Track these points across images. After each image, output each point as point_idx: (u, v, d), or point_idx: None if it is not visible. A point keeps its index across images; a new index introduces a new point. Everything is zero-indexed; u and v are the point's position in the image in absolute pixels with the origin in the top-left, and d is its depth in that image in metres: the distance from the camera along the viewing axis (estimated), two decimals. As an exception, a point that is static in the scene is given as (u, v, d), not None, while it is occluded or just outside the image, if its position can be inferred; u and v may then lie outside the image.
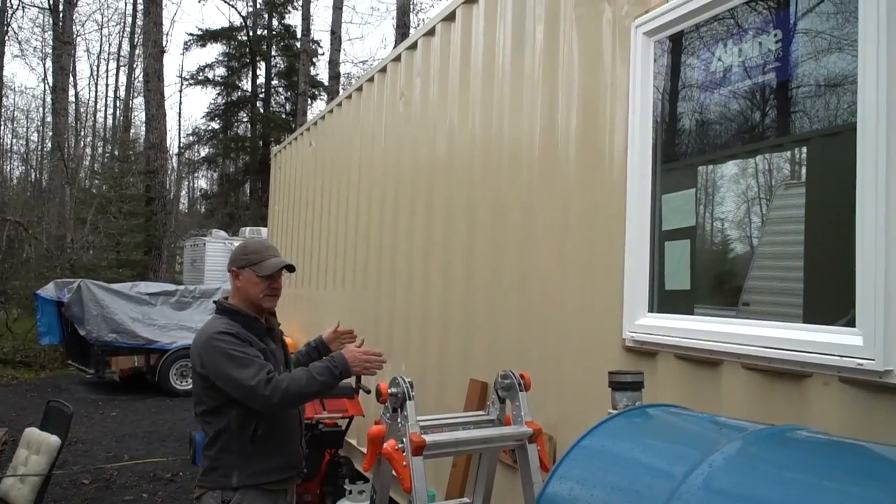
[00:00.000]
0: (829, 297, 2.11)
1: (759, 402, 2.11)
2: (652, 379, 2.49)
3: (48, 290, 11.47)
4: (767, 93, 2.31)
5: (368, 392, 4.86)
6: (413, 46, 4.99)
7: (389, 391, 2.21)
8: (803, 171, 2.35)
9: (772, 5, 2.27)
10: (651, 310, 2.59)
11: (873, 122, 1.83)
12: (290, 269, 2.97)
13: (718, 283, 2.51)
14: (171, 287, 12.29)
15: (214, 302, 3.01)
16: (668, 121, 2.65)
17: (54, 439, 4.47)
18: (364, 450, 5.28)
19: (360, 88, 6.20)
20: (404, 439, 2.11)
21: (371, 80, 5.89)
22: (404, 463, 2.08)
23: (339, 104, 6.82)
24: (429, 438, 2.11)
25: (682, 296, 2.53)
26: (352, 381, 4.63)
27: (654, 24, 2.61)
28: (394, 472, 2.20)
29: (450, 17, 4.42)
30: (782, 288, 2.25)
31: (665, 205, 2.59)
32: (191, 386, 3.00)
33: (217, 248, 17.37)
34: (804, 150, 2.30)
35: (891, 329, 1.76)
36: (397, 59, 5.29)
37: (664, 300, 2.57)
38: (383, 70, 5.60)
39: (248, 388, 2.58)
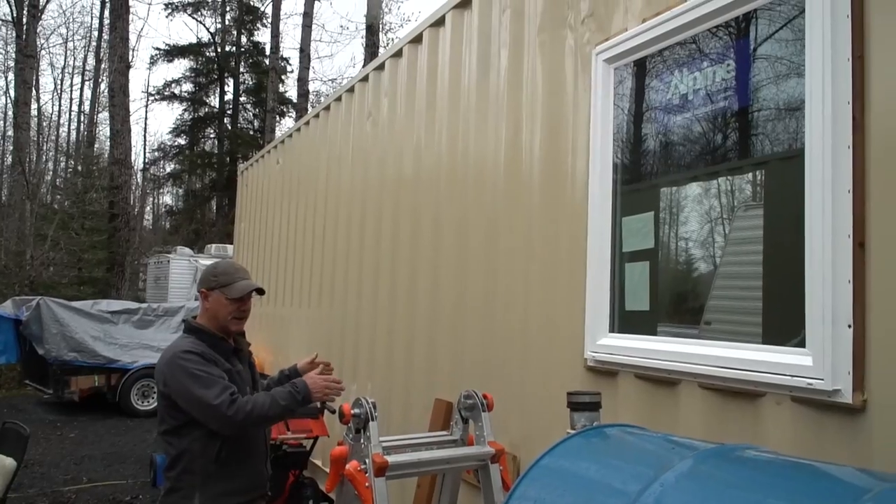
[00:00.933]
0: (785, 317, 2.17)
1: (715, 422, 2.16)
2: (613, 398, 2.54)
3: (6, 308, 11.18)
4: (726, 117, 2.38)
5: (333, 412, 4.83)
6: (381, 67, 5.04)
7: (352, 412, 2.22)
8: (761, 193, 2.41)
9: (729, 33, 2.34)
10: (612, 330, 2.64)
11: (819, 149, 1.90)
12: (261, 292, 2.96)
13: (678, 304, 2.56)
14: (133, 305, 12.07)
15: (184, 321, 3.03)
16: (629, 145, 2.71)
17: (9, 461, 4.36)
18: (329, 470, 5.24)
19: (328, 107, 6.22)
20: (367, 460, 2.12)
21: (339, 99, 5.92)
22: (367, 484, 2.08)
23: (307, 122, 6.84)
24: (391, 459, 2.12)
25: (641, 316, 2.58)
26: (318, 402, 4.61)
27: (613, 51, 2.68)
28: (356, 493, 2.20)
29: (417, 40, 4.47)
30: (742, 307, 2.30)
31: (625, 227, 2.65)
32: (153, 406, 3.00)
33: (181, 266, 17.12)
34: (762, 173, 2.37)
35: (838, 349, 1.82)
36: (365, 79, 5.33)
37: (625, 321, 2.62)
38: (351, 90, 5.63)
39: (210, 406, 2.57)
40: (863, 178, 1.81)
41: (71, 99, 34.07)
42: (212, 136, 30.82)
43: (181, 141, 30.59)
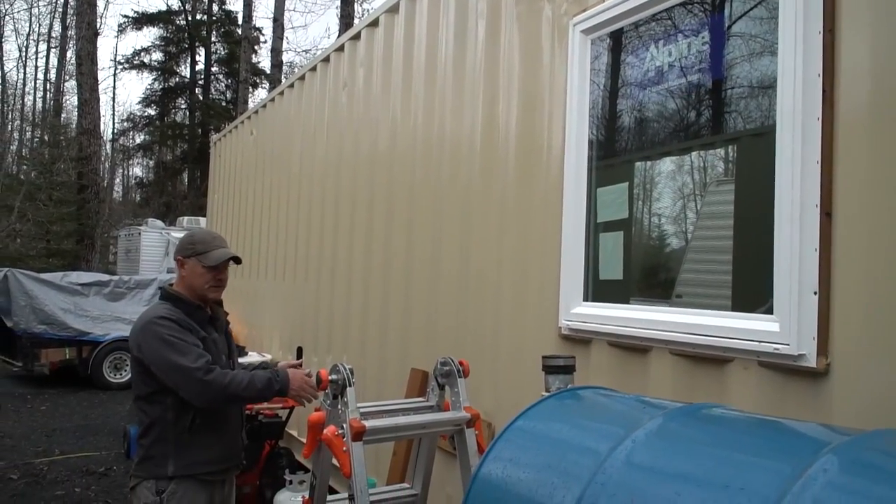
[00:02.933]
0: (753, 286, 2.23)
1: (684, 387, 2.22)
2: (586, 366, 2.59)
3: (-29, 280, 10.99)
4: (701, 92, 2.41)
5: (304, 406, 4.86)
6: (357, 37, 4.99)
7: (330, 378, 2.24)
8: (733, 167, 2.46)
9: (707, 7, 2.37)
10: (586, 299, 2.68)
11: (790, 121, 1.94)
12: (237, 260, 2.95)
13: (651, 273, 2.61)
14: (104, 277, 11.91)
15: (160, 288, 3.02)
16: (605, 116, 2.74)
17: (-20, 432, 4.33)
18: (304, 440, 5.28)
19: (302, 77, 6.16)
20: (344, 425, 2.14)
21: (314, 69, 5.86)
22: (344, 448, 2.11)
23: (282, 93, 6.76)
24: (368, 424, 2.15)
25: (615, 285, 2.63)
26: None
27: (591, 22, 2.69)
28: (334, 459, 2.23)
29: (393, 9, 4.43)
30: (713, 280, 2.35)
31: (599, 198, 2.68)
32: (126, 379, 3.00)
33: (153, 239, 16.93)
34: (734, 148, 2.41)
35: (804, 316, 1.87)
36: (341, 48, 5.27)
37: (598, 290, 2.67)
38: (326, 60, 5.57)
39: (185, 371, 2.57)
40: (831, 149, 1.85)
41: (36, 67, 33.25)
42: (183, 106, 30.34)
43: (151, 111, 30.09)
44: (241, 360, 3.85)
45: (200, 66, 29.44)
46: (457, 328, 3.51)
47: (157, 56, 29.53)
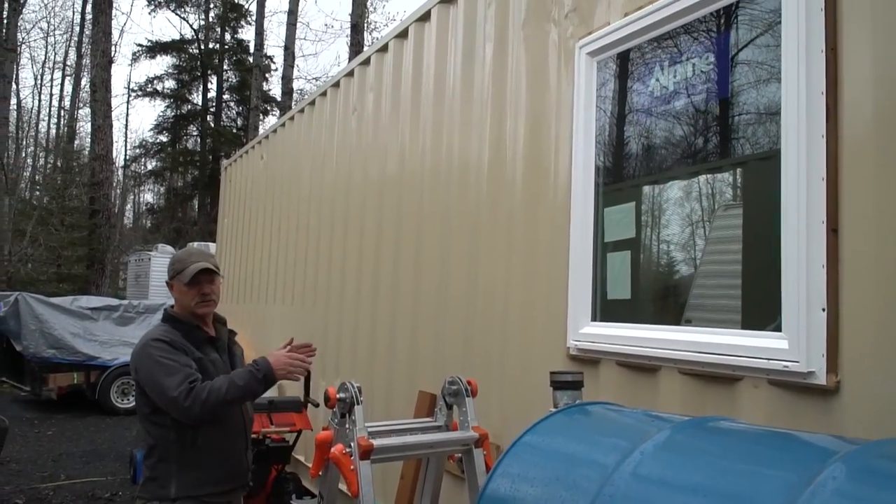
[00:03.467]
0: (762, 304, 2.22)
1: (694, 406, 2.21)
2: (595, 386, 2.58)
3: (-18, 304, 11.06)
4: (708, 114, 2.44)
5: (317, 405, 4.84)
6: (366, 62, 5.06)
7: (338, 396, 2.24)
8: (741, 186, 2.46)
9: (712, 29, 2.40)
10: (594, 319, 2.68)
11: (794, 139, 1.96)
12: (209, 271, 2.83)
13: (659, 293, 2.61)
14: (114, 302, 11.96)
15: (164, 309, 3.00)
16: (611, 137, 2.76)
17: (-12, 454, 4.33)
18: (311, 464, 5.24)
19: (312, 102, 6.23)
20: (352, 444, 2.14)
21: (324, 94, 5.93)
22: (352, 467, 2.10)
23: (292, 118, 6.83)
24: (377, 442, 2.15)
25: (623, 305, 2.62)
26: (300, 394, 4.62)
27: (596, 44, 2.73)
28: (341, 478, 2.22)
29: (402, 35, 4.50)
30: (722, 305, 2.35)
31: (607, 217, 2.69)
32: (132, 404, 2.94)
33: (163, 264, 16.91)
34: (740, 170, 2.42)
35: (813, 332, 1.87)
36: (350, 74, 5.34)
37: (607, 309, 2.66)
38: (336, 85, 5.64)
39: (169, 398, 2.54)
40: (836, 166, 1.86)
41: (51, 94, 33.66)
42: (194, 133, 30.65)
43: (163, 138, 30.39)
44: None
45: (212, 94, 29.81)
46: (464, 350, 3.51)
47: (169, 84, 29.94)
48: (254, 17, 25.67)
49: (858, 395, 1.77)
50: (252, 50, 25.47)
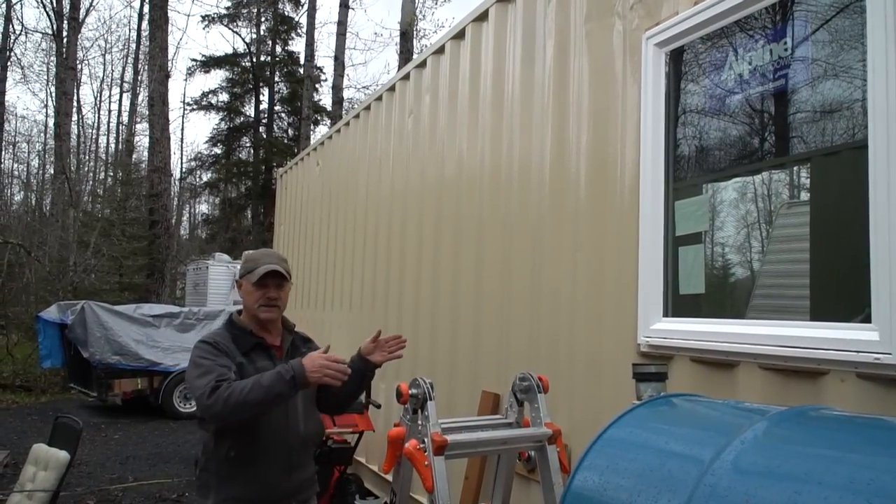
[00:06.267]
0: (848, 297, 2.14)
1: (776, 402, 2.13)
2: (668, 383, 2.52)
3: (51, 313, 11.44)
4: (779, 103, 2.37)
5: (379, 406, 4.87)
6: (422, 65, 5.08)
7: (410, 392, 2.23)
8: (820, 178, 2.39)
9: (784, 14, 2.33)
10: (666, 314, 2.62)
11: (883, 130, 1.89)
12: (279, 275, 2.67)
13: (736, 285, 2.54)
14: (175, 309, 12.26)
15: (231, 313, 2.89)
16: (680, 128, 2.71)
17: (63, 454, 4.45)
18: (374, 468, 5.27)
19: (368, 107, 6.28)
20: (426, 439, 2.13)
21: (379, 99, 5.97)
22: (426, 462, 2.10)
23: (347, 124, 6.90)
24: (450, 438, 2.14)
25: (696, 299, 2.56)
26: (362, 396, 4.64)
27: (664, 35, 2.68)
28: (415, 472, 2.22)
29: (459, 35, 4.50)
30: (803, 297, 2.27)
31: (678, 211, 2.64)
32: (194, 409, 2.85)
33: (220, 272, 17.40)
34: (821, 161, 2.34)
35: (906, 324, 1.79)
36: (406, 77, 5.37)
37: (679, 304, 2.61)
38: (391, 89, 5.68)
39: (197, 397, 2.41)
40: (930, 150, 1.78)
41: (109, 110, 34.86)
42: (247, 144, 31.30)
43: (217, 150, 31.11)
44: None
45: (264, 106, 30.40)
46: (529, 349, 3.48)
47: (223, 97, 30.67)
48: (304, 29, 26.16)
49: (960, 388, 1.69)
50: (302, 61, 25.91)
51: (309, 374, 2.36)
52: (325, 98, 28.26)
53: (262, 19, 30.00)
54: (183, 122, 51.54)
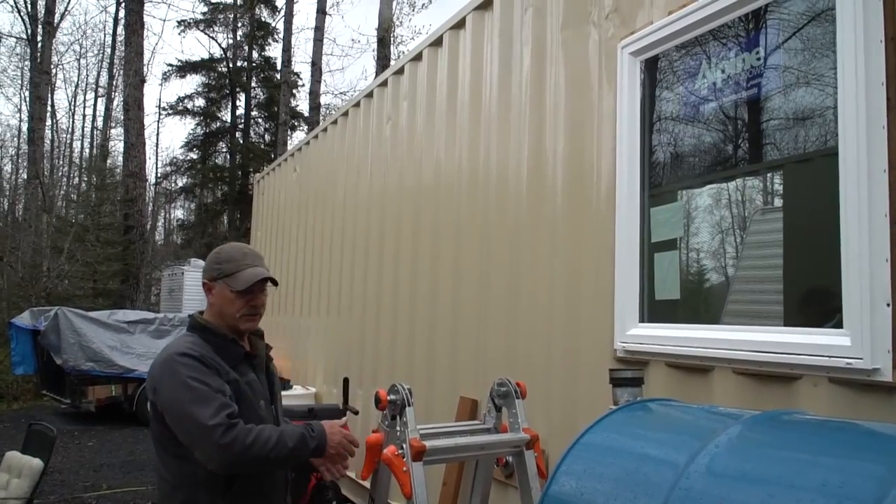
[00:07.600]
0: (819, 302, 2.18)
1: (750, 406, 2.15)
2: (644, 388, 2.54)
3: (23, 319, 11.28)
4: (752, 111, 2.41)
5: (356, 413, 4.84)
6: (400, 72, 5.08)
7: (389, 398, 2.23)
8: (790, 183, 2.43)
9: (758, 24, 2.37)
10: (642, 320, 2.65)
11: (853, 131, 1.92)
12: (274, 282, 2.41)
13: (711, 291, 2.57)
14: (149, 315, 12.13)
15: (189, 316, 2.47)
16: (656, 136, 2.74)
17: (37, 462, 4.40)
18: (352, 475, 5.24)
19: (345, 114, 6.27)
20: (404, 445, 2.13)
21: (357, 105, 5.96)
22: (405, 468, 2.10)
23: (325, 129, 6.88)
24: (429, 444, 2.14)
25: (672, 305, 2.59)
26: (339, 401, 4.62)
27: (639, 44, 2.71)
28: (393, 479, 2.21)
29: (437, 43, 4.52)
30: (775, 301, 2.31)
31: (653, 217, 2.66)
32: None
33: (195, 278, 17.18)
34: (792, 167, 2.38)
35: (877, 328, 1.83)
36: (384, 83, 5.37)
37: (655, 310, 2.63)
38: (369, 95, 5.68)
39: (203, 428, 2.02)
40: (898, 157, 1.82)
41: (84, 115, 34.35)
42: (224, 150, 31.03)
43: (193, 155, 30.80)
44: (284, 392, 3.65)
45: (241, 111, 30.17)
46: (506, 355, 3.49)
47: (199, 102, 30.37)
48: (281, 35, 26.02)
49: (927, 391, 1.72)
50: (279, 66, 25.78)
51: (328, 447, 2.21)
52: (302, 104, 28.14)
53: (239, 24, 29.80)
54: (158, 127, 51.04)
